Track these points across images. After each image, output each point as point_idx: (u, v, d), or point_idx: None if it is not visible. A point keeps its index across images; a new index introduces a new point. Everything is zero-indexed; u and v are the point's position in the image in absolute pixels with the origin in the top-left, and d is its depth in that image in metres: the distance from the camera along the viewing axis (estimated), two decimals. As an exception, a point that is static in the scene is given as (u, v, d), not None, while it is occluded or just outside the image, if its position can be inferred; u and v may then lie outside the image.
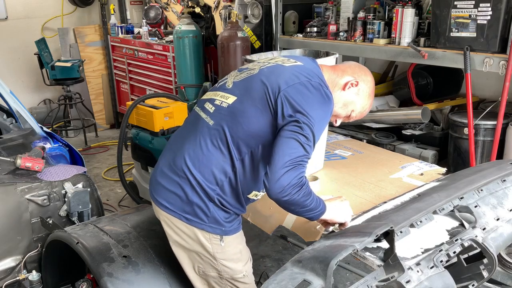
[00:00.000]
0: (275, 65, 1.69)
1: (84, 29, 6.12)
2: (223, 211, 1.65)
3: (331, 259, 1.18)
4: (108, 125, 6.45)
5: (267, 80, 1.60)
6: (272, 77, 1.61)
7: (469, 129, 2.90)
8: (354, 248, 1.24)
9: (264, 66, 1.70)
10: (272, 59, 1.77)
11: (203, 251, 1.68)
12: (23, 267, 1.99)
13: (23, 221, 1.98)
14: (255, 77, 1.64)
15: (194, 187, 1.61)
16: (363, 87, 1.75)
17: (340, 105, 1.74)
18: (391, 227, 1.31)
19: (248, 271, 1.80)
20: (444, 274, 1.34)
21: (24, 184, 1.99)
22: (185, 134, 1.72)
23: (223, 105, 1.64)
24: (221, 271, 1.72)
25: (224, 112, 1.62)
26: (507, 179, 1.76)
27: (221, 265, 1.70)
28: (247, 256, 1.81)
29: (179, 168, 1.63)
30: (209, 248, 1.67)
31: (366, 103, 1.78)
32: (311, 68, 1.67)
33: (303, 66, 1.68)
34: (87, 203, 2.06)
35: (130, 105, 3.70)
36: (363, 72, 1.78)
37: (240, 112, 1.59)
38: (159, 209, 1.69)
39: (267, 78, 1.61)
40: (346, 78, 1.73)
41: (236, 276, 1.74)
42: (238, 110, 1.60)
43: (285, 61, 1.72)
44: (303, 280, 1.19)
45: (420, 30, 3.21)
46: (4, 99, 2.51)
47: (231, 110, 1.61)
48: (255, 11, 4.13)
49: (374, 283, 1.25)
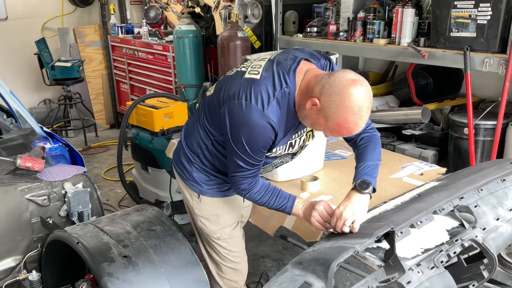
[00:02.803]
0: (237, 72, 1.71)
1: (84, 29, 6.12)
2: (203, 174, 1.92)
3: (332, 261, 1.18)
4: (108, 125, 6.45)
5: (224, 89, 1.67)
6: (226, 88, 1.67)
7: (469, 129, 2.90)
8: (355, 249, 1.24)
9: (235, 70, 1.75)
10: (255, 60, 1.73)
11: (189, 205, 2.01)
12: (23, 267, 1.98)
13: (23, 221, 1.98)
14: (225, 81, 1.73)
15: (184, 153, 1.93)
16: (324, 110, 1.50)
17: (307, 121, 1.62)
18: (391, 228, 1.31)
19: (224, 236, 2.03)
20: (444, 274, 1.34)
21: (24, 184, 1.99)
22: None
23: (207, 94, 1.85)
24: (200, 228, 2.03)
25: (205, 99, 1.84)
26: (507, 179, 1.76)
27: (199, 222, 2.01)
28: (227, 224, 2.03)
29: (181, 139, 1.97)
30: (190, 203, 1.99)
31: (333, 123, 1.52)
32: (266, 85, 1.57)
33: (257, 81, 1.59)
34: (87, 203, 2.06)
35: (130, 105, 3.70)
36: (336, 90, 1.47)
37: (208, 106, 1.79)
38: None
39: (225, 87, 1.67)
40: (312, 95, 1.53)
41: (211, 235, 2.02)
42: (208, 103, 1.79)
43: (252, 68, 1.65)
44: (304, 282, 1.19)
45: (420, 30, 3.21)
46: (4, 99, 2.51)
47: (208, 101, 1.81)
48: (255, 11, 4.13)
49: (374, 284, 1.25)
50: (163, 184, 3.68)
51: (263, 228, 2.22)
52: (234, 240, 2.08)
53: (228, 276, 2.12)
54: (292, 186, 2.26)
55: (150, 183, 3.85)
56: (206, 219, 2.01)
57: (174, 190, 3.51)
